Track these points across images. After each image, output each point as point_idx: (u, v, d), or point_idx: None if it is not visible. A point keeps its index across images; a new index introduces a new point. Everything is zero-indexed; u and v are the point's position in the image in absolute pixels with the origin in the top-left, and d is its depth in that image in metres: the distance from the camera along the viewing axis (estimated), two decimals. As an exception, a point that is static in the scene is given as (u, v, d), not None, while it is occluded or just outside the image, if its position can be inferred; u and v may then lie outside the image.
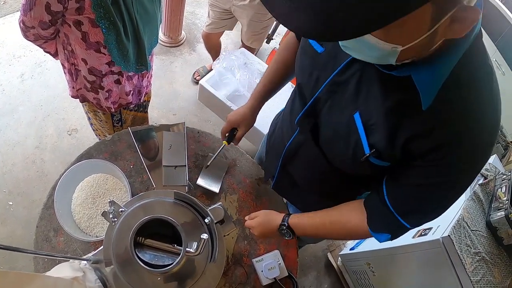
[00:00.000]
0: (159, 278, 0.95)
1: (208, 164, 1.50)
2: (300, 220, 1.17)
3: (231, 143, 1.44)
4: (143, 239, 0.97)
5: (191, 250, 0.95)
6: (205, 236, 0.94)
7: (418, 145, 0.78)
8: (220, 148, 1.44)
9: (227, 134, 1.43)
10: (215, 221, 1.05)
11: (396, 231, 0.96)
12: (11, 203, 2.41)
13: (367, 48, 0.65)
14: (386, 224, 0.97)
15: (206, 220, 1.02)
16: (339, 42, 0.71)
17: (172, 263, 0.94)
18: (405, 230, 0.94)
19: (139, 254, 0.95)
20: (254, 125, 2.32)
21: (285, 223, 1.17)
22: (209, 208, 1.07)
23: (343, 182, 1.06)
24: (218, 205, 1.09)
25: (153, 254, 0.99)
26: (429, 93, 0.72)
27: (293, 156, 1.24)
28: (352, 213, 1.07)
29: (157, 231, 1.02)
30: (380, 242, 1.00)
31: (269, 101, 2.52)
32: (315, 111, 1.02)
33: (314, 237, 1.22)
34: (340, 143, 0.95)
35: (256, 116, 1.44)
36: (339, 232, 1.11)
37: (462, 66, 0.71)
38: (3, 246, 0.62)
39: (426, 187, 0.83)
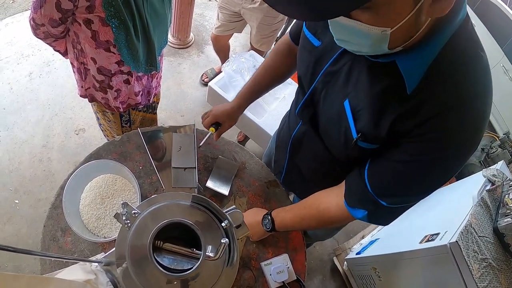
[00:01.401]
0: (175, 282, 0.93)
1: (201, 144, 1.57)
2: (281, 209, 1.27)
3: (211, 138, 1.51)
4: (161, 242, 0.96)
5: (211, 254, 0.93)
6: (225, 240, 0.93)
7: (403, 125, 0.79)
8: (208, 135, 1.51)
9: (211, 126, 1.49)
10: (234, 225, 1.04)
11: (371, 207, 0.97)
12: (17, 201, 2.42)
13: (359, 37, 0.67)
14: (361, 199, 0.98)
15: (223, 224, 1.01)
16: (334, 37, 0.74)
17: (192, 268, 0.93)
18: (382, 209, 0.94)
19: (157, 258, 0.94)
20: (262, 127, 2.35)
21: (268, 214, 1.27)
22: (227, 211, 1.06)
23: (346, 174, 1.07)
24: (234, 208, 1.08)
25: (171, 258, 0.97)
26: (413, 78, 0.75)
27: (298, 148, 1.29)
28: (326, 194, 1.14)
29: (173, 234, 1.00)
30: (357, 218, 1.02)
31: (277, 103, 2.55)
32: (313, 101, 1.06)
33: (293, 228, 1.27)
34: (334, 131, 0.98)
35: (239, 115, 1.50)
36: (313, 215, 1.15)
37: (448, 51, 0.73)
38: (13, 249, 0.61)
39: (407, 164, 0.84)
